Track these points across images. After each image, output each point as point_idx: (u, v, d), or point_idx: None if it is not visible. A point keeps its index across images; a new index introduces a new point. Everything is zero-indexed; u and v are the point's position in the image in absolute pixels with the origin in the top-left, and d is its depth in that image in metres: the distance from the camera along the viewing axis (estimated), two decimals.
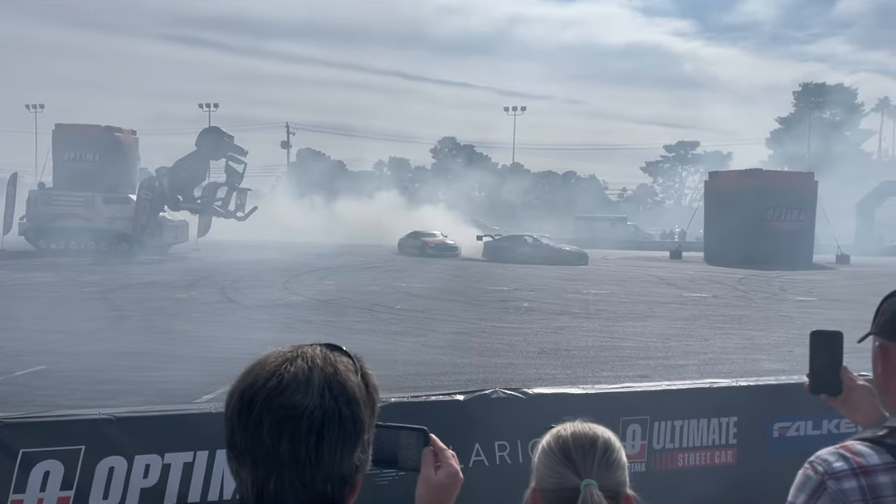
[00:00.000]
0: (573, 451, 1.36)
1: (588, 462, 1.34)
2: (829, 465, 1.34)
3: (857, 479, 1.31)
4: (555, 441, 1.39)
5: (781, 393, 5.53)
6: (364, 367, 1.06)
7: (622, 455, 1.38)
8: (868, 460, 1.33)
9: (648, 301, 18.17)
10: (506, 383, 8.92)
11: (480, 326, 13.46)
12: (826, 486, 1.31)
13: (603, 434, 1.39)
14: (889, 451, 1.34)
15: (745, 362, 10.69)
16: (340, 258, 29.08)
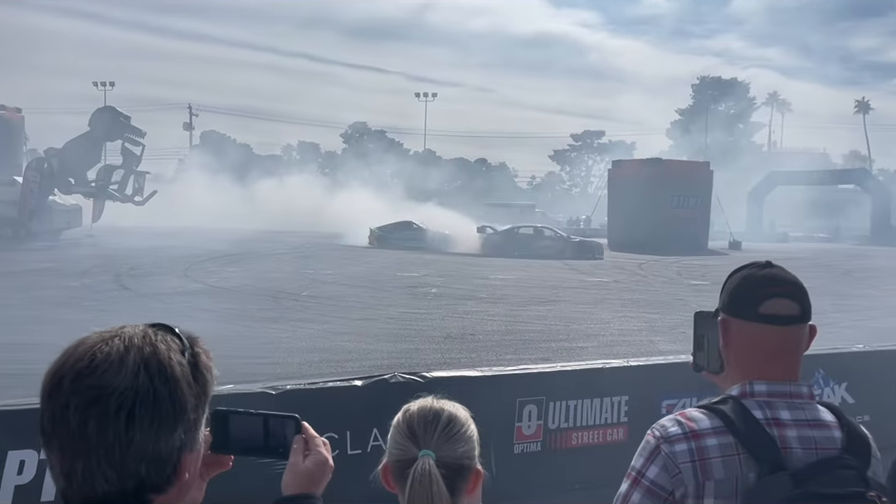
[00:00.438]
0: (416, 424, 1.38)
1: (428, 434, 1.36)
2: (665, 430, 1.45)
3: (687, 443, 1.41)
4: (402, 416, 1.42)
5: (669, 371, 5.78)
6: (197, 347, 1.02)
7: (469, 430, 1.39)
8: (699, 425, 1.43)
9: (553, 286, 18.62)
10: (410, 368, 8.94)
11: (388, 313, 13.43)
12: (660, 449, 1.43)
13: (451, 409, 1.41)
14: (719, 417, 1.43)
15: (642, 344, 11.12)
16: (250, 245, 28.31)
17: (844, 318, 14.22)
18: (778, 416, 1.43)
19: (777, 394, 1.46)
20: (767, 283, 1.49)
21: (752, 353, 1.49)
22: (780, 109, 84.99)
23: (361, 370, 8.75)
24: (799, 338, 1.49)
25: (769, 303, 1.47)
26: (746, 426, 1.41)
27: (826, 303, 16.34)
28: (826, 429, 1.43)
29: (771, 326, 1.46)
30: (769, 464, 1.36)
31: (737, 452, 1.39)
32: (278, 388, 4.89)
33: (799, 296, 1.49)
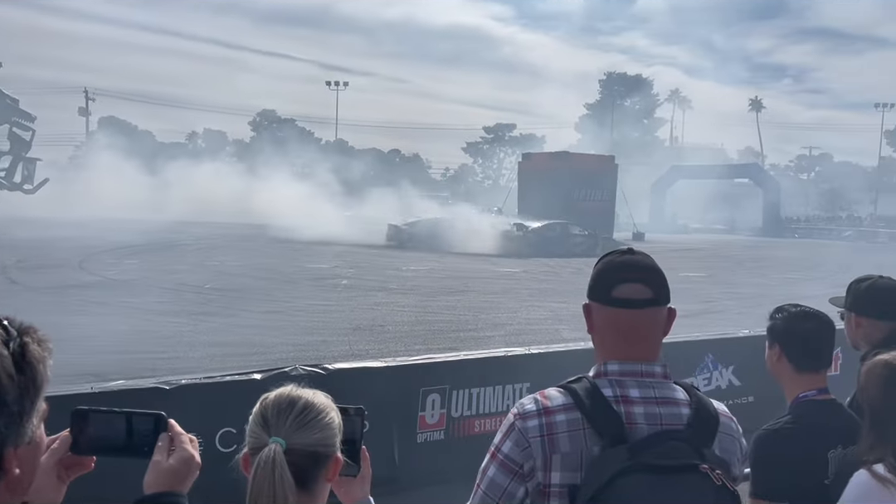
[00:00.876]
0: (269, 411, 1.37)
1: (280, 422, 1.35)
2: (522, 408, 1.53)
3: (539, 419, 1.49)
4: (259, 404, 1.39)
5: (569, 358, 5.94)
6: (27, 337, 0.98)
7: (326, 418, 1.38)
8: (553, 402, 1.51)
9: (463, 276, 18.79)
10: (316, 361, 8.82)
11: (295, 305, 13.20)
12: (515, 425, 1.52)
13: (308, 397, 1.39)
14: (571, 394, 1.51)
15: (548, 332, 11.38)
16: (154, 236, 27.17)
17: (736, 305, 15.02)
18: (627, 393, 1.50)
19: (628, 373, 1.53)
20: (622, 269, 1.56)
21: (609, 335, 1.56)
22: (682, 106, 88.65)
23: (266, 364, 8.55)
24: (652, 320, 1.55)
25: (622, 287, 1.53)
26: (593, 403, 1.48)
27: (719, 291, 17.25)
28: (674, 406, 1.51)
29: (623, 310, 1.53)
30: (611, 438, 1.44)
31: (582, 427, 1.47)
32: (172, 382, 4.72)
33: (652, 280, 1.55)
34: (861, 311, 2.50)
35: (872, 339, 2.43)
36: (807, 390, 2.16)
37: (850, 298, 2.56)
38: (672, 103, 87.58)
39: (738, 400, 6.43)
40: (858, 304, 2.51)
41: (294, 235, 27.70)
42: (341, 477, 1.56)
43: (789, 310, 2.27)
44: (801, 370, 2.18)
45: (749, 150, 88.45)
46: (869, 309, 2.48)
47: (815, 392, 2.14)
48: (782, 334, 2.23)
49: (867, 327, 2.48)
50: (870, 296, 2.49)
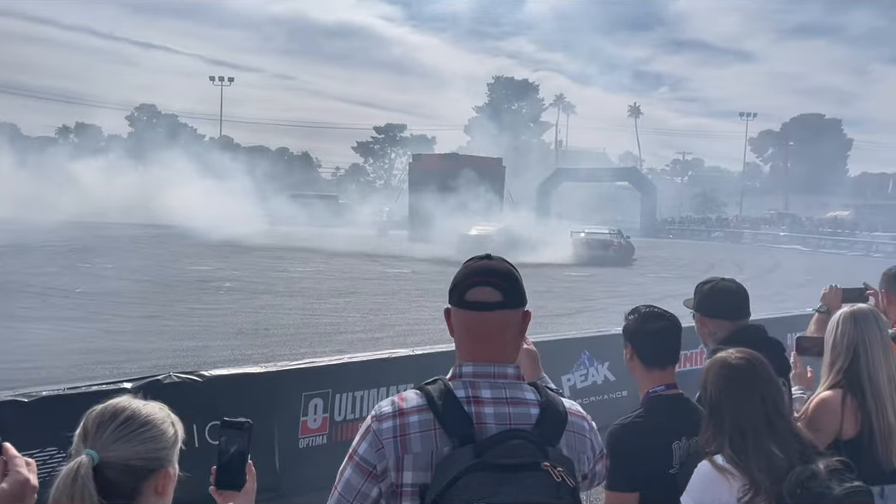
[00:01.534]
0: (90, 423, 1.35)
1: (98, 433, 1.33)
2: (380, 410, 1.57)
3: (394, 420, 1.53)
4: (85, 416, 1.36)
5: (450, 358, 6.04)
6: None
7: (154, 430, 1.37)
8: (408, 404, 1.55)
9: (353, 277, 18.66)
10: (196, 367, 8.49)
11: (175, 309, 12.65)
12: (371, 427, 1.55)
13: (136, 408, 1.37)
14: (425, 395, 1.56)
15: (436, 332, 11.47)
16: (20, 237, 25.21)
17: (615, 303, 15.71)
18: (479, 394, 1.55)
19: (481, 374, 1.58)
20: (475, 273, 1.61)
21: (463, 338, 1.62)
22: (567, 111, 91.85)
23: (140, 372, 8.15)
24: (504, 323, 1.60)
25: (473, 291, 1.58)
26: (445, 404, 1.52)
27: (600, 290, 18.00)
28: (524, 406, 1.57)
29: (474, 312, 1.58)
30: (459, 437, 1.48)
31: (434, 428, 1.51)
32: (32, 394, 4.41)
33: (503, 284, 1.60)
34: (705, 311, 2.68)
35: (717, 338, 2.62)
36: (656, 386, 2.30)
37: (695, 300, 2.74)
38: (557, 108, 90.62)
39: (612, 395, 6.74)
40: (703, 305, 2.70)
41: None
42: (223, 492, 1.55)
43: (640, 311, 2.41)
44: (649, 367, 2.32)
45: (629, 154, 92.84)
46: (712, 309, 2.67)
47: (663, 387, 2.28)
48: (633, 334, 2.37)
49: (711, 326, 2.67)
50: (712, 297, 2.68)
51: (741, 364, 2.06)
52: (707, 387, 2.09)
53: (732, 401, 2.02)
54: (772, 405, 2.01)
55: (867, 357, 2.60)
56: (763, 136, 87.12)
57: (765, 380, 2.04)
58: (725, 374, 2.06)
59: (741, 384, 2.03)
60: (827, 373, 2.72)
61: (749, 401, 2.01)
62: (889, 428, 2.53)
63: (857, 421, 2.55)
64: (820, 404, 2.63)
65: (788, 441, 1.96)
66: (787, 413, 2.06)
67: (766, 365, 2.08)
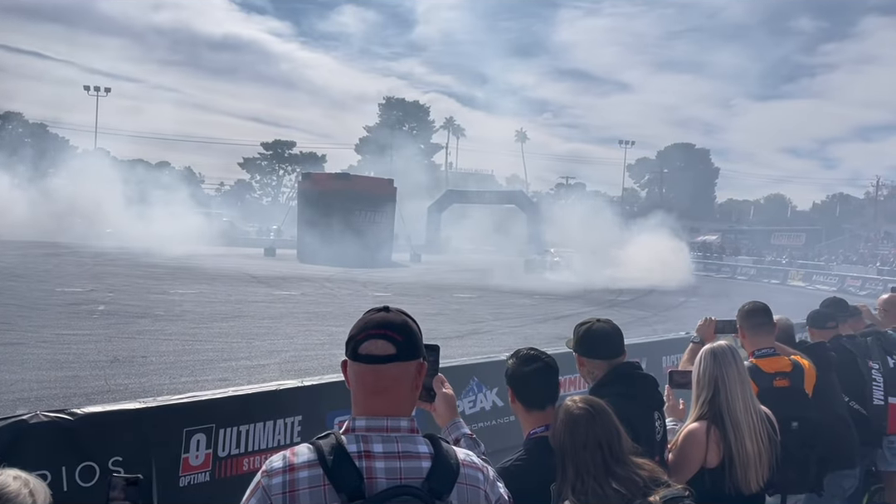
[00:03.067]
0: None
1: None
2: (270, 465, 1.56)
3: (283, 476, 1.52)
4: None
5: (341, 388, 5.97)
6: None
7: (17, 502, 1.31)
8: (298, 459, 1.55)
9: (237, 300, 18.08)
10: (66, 399, 8.01)
11: (41, 335, 11.79)
12: (261, 482, 1.54)
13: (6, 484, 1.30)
14: (316, 450, 1.56)
15: (325, 357, 11.31)
16: None
17: (502, 325, 16.08)
18: (370, 449, 1.56)
19: (374, 428, 1.59)
20: (369, 327, 1.62)
21: (357, 390, 1.62)
22: (456, 133, 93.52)
23: (1, 405, 7.57)
24: (397, 375, 1.61)
25: (366, 344, 1.60)
26: (335, 459, 1.52)
27: (486, 312, 18.35)
28: (416, 459, 1.58)
29: (366, 365, 1.60)
30: (347, 493, 1.49)
31: (323, 484, 1.50)
32: None
33: (397, 337, 1.61)
34: (583, 352, 2.83)
35: (595, 376, 2.76)
36: (536, 427, 2.39)
37: (574, 341, 2.88)
38: (447, 130, 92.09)
39: (501, 420, 6.88)
40: (580, 346, 2.84)
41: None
42: None
43: (519, 353, 2.50)
44: (529, 408, 2.41)
45: (515, 177, 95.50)
46: (589, 351, 2.81)
47: (542, 428, 2.37)
48: (512, 377, 2.46)
49: (588, 366, 2.81)
50: (588, 339, 2.82)
51: (581, 413, 2.17)
52: (554, 433, 2.20)
53: (573, 448, 2.13)
54: (608, 451, 2.11)
55: (726, 391, 2.82)
56: (640, 163, 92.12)
57: (603, 426, 2.16)
58: (567, 421, 2.17)
59: (580, 432, 2.14)
60: (694, 405, 2.93)
61: (587, 448, 2.11)
62: (747, 457, 2.75)
63: (719, 451, 2.76)
64: (687, 436, 2.83)
65: (629, 479, 2.07)
66: (626, 456, 2.15)
67: (606, 413, 2.20)
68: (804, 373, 3.56)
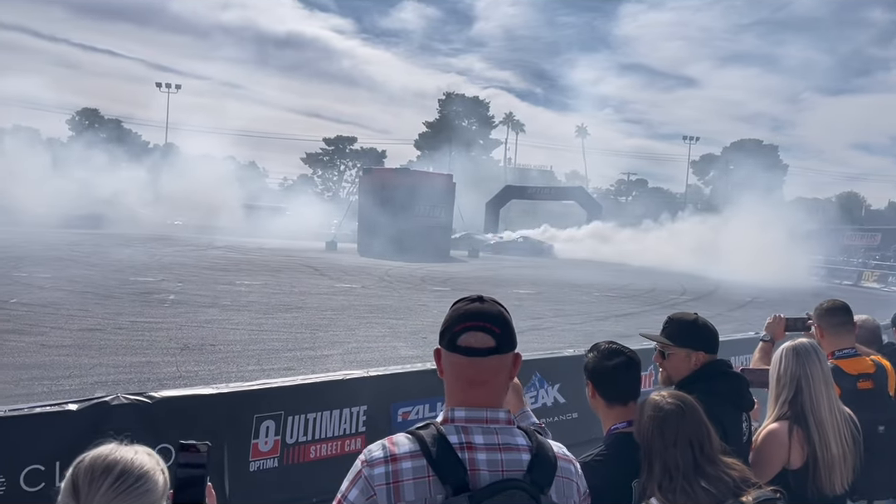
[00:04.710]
0: (81, 478, 1.29)
1: (92, 491, 1.28)
2: (369, 454, 1.54)
3: (385, 466, 1.51)
4: (72, 469, 1.31)
5: (405, 380, 6.02)
6: None
7: (146, 484, 1.33)
8: (400, 449, 1.53)
9: (300, 292, 18.44)
10: (140, 384, 8.31)
11: (116, 322, 12.28)
12: (362, 472, 1.52)
13: (126, 460, 1.33)
14: (418, 441, 1.54)
15: (385, 350, 11.44)
16: None
17: (562, 321, 15.94)
18: (472, 440, 1.55)
19: (474, 419, 1.58)
20: (467, 318, 1.61)
21: (455, 382, 1.61)
22: (515, 129, 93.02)
23: (81, 388, 7.92)
24: (496, 368, 1.61)
25: (465, 336, 1.59)
26: (438, 450, 1.51)
27: (546, 308, 18.21)
28: (516, 452, 1.57)
29: (467, 357, 1.59)
30: (453, 485, 1.48)
31: (427, 475, 1.49)
32: None
33: (496, 329, 1.61)
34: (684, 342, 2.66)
35: (680, 373, 2.68)
36: (618, 423, 2.35)
37: (671, 330, 2.71)
38: (507, 126, 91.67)
39: (563, 417, 6.83)
40: (683, 335, 2.67)
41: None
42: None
43: (600, 347, 2.46)
44: (611, 404, 2.37)
45: (575, 173, 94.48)
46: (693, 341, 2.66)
47: (624, 424, 2.33)
48: (593, 372, 2.41)
49: (683, 360, 2.65)
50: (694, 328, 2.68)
51: (671, 409, 2.12)
52: (640, 429, 2.16)
53: (662, 445, 2.08)
54: (699, 449, 2.06)
55: (809, 391, 2.72)
56: (705, 160, 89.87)
57: (694, 424, 2.10)
58: (655, 417, 2.12)
59: (670, 429, 2.09)
60: (773, 405, 2.83)
61: (677, 445, 2.06)
62: (832, 458, 2.66)
63: (803, 452, 2.67)
64: (768, 436, 2.75)
65: (719, 479, 2.02)
66: (716, 455, 2.09)
67: (696, 409, 2.14)
68: (887, 374, 3.42)
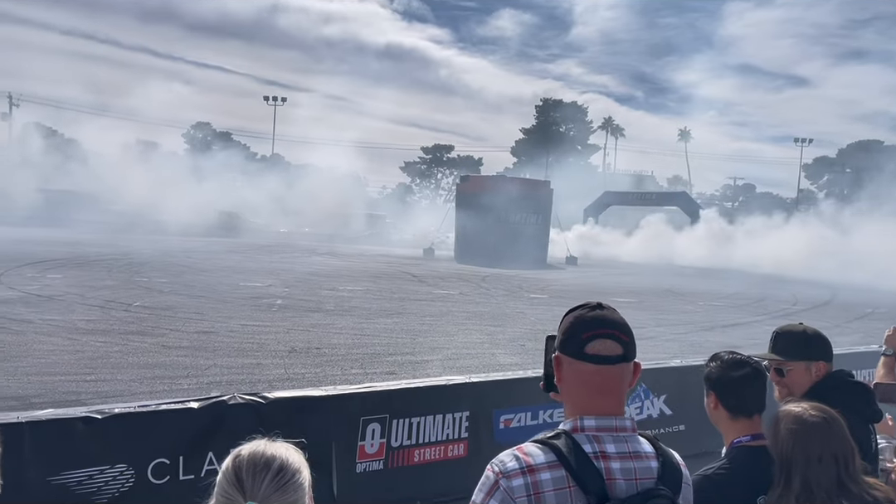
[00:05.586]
0: (244, 471, 1.35)
1: (256, 484, 1.34)
2: (503, 465, 1.52)
3: (524, 477, 1.49)
4: (231, 461, 1.38)
5: (507, 387, 6.03)
6: None
7: (300, 478, 1.39)
8: (535, 460, 1.52)
9: (400, 298, 18.76)
10: (251, 384, 8.67)
11: (228, 325, 12.91)
12: (499, 484, 1.50)
13: (281, 455, 1.39)
14: (553, 451, 1.53)
15: (484, 356, 11.47)
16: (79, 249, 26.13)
17: (665, 331, 15.47)
18: (605, 449, 1.54)
19: (604, 428, 1.57)
20: (594, 325, 1.60)
21: (581, 390, 1.60)
22: (614, 134, 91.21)
23: (198, 387, 8.37)
24: (622, 376, 1.60)
25: (593, 343, 1.58)
26: (577, 460, 1.50)
27: (647, 317, 17.73)
28: (645, 460, 1.57)
29: (596, 366, 1.57)
30: (596, 495, 1.48)
31: (568, 486, 1.49)
32: (105, 412, 4.56)
33: (623, 337, 1.60)
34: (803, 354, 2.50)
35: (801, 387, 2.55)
36: (741, 436, 2.26)
37: (788, 341, 2.58)
38: (605, 131, 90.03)
39: (669, 429, 6.63)
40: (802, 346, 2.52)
41: None
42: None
43: (723, 357, 2.36)
44: (735, 416, 2.28)
45: (677, 178, 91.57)
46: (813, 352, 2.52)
47: (748, 438, 2.24)
48: (716, 382, 2.32)
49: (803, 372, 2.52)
50: (814, 339, 2.55)
51: (816, 421, 2.01)
52: (778, 441, 2.05)
53: (804, 459, 1.97)
54: (844, 466, 1.95)
55: None
56: (818, 163, 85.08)
57: (839, 439, 1.99)
58: (798, 430, 2.01)
59: (814, 443, 1.98)
60: None
61: (822, 461, 1.95)
62: None
63: None
64: None
65: (861, 499, 1.91)
66: (858, 473, 1.98)
67: (840, 423, 2.03)
68: None
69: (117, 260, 24.23)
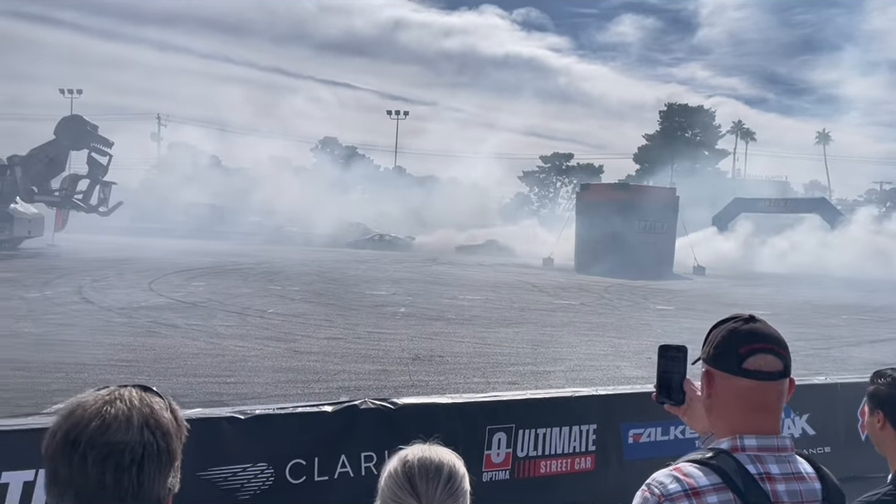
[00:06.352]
0: (417, 477, 1.37)
1: (431, 490, 1.36)
2: (664, 487, 1.44)
3: (689, 500, 1.42)
4: (401, 466, 1.40)
5: (635, 401, 5.85)
6: (172, 404, 1.18)
7: (465, 482, 1.42)
8: (698, 482, 1.44)
9: (521, 308, 18.70)
10: (378, 391, 8.92)
11: (356, 332, 13.35)
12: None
13: (448, 461, 1.41)
14: (716, 472, 1.45)
15: (609, 369, 11.21)
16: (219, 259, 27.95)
17: (804, 346, 14.52)
18: (769, 470, 1.47)
19: (766, 448, 1.49)
20: (752, 339, 1.52)
21: (738, 407, 1.52)
22: (745, 138, 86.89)
23: (328, 391, 8.70)
24: (782, 392, 1.53)
25: (753, 359, 1.50)
26: (744, 483, 1.44)
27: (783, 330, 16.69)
28: (808, 481, 1.49)
29: (755, 381, 1.50)
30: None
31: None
32: (247, 412, 4.83)
33: (783, 352, 1.53)
34: None
35: None
36: None
37: None
38: (734, 135, 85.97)
39: (813, 450, 6.20)
40: None
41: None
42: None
43: (885, 374, 2.19)
44: None
45: (815, 183, 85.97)
46: None
47: None
48: (885, 401, 2.15)
49: None
50: None
51: None
52: None
53: None
54: None
55: None
56: None
57: None
58: None
59: None
60: None
61: None
62: None
63: None
64: None
65: None
66: None
67: None
68: None
69: (252, 269, 25.68)
